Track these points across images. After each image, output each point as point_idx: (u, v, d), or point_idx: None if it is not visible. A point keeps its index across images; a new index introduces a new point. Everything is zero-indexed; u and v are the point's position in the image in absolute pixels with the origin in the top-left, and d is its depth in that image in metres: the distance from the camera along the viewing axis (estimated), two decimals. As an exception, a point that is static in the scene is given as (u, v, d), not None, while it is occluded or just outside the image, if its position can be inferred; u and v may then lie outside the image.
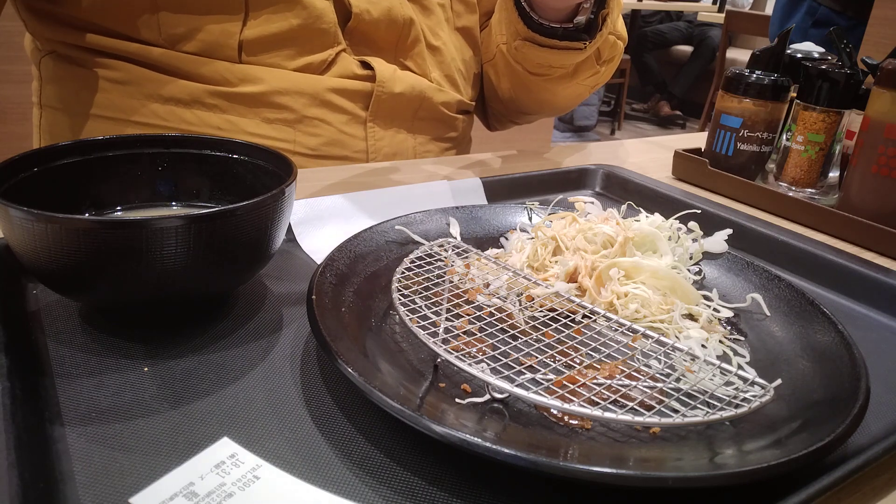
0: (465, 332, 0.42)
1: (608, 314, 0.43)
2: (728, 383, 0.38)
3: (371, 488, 0.30)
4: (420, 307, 0.42)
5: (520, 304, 0.45)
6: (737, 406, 0.34)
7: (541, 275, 0.48)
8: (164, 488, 0.28)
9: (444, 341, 0.38)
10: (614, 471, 0.28)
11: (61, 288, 0.39)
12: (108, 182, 0.46)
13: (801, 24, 1.81)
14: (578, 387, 0.36)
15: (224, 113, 0.70)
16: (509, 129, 1.01)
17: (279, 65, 0.70)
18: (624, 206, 0.57)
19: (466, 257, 0.50)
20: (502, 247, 0.55)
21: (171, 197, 0.49)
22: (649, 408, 0.35)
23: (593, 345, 0.41)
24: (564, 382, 0.36)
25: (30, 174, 0.41)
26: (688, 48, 4.86)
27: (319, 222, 0.55)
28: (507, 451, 0.28)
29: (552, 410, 0.35)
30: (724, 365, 0.37)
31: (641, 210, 0.56)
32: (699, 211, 0.57)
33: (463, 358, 0.36)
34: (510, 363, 0.38)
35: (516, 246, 0.53)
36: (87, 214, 0.45)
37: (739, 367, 0.41)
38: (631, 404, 0.34)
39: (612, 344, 0.41)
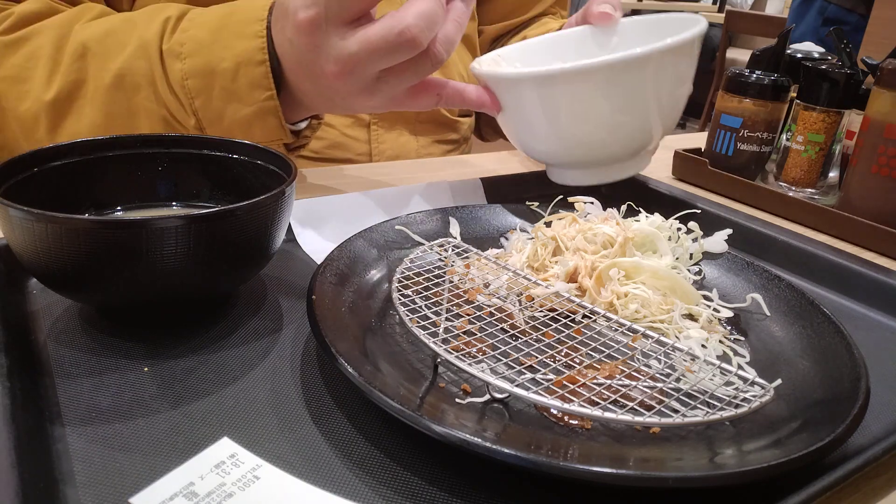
0: (465, 332, 0.42)
1: (608, 314, 0.42)
2: (728, 383, 0.38)
3: (371, 488, 0.30)
4: (420, 307, 0.42)
5: (520, 304, 0.45)
6: (737, 406, 0.34)
7: (541, 275, 0.48)
8: (164, 488, 0.28)
9: (444, 341, 0.38)
10: (614, 471, 0.28)
11: (61, 288, 0.39)
12: (108, 182, 0.46)
13: (813, 24, 1.82)
14: (578, 387, 0.36)
15: None
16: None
17: None
18: (624, 206, 0.57)
19: (466, 257, 0.50)
20: (502, 247, 0.55)
21: (171, 197, 0.49)
22: (649, 408, 0.35)
23: (593, 345, 0.40)
24: (564, 382, 0.36)
25: (30, 174, 0.41)
26: (688, 48, 4.85)
27: (319, 222, 0.55)
28: (507, 451, 0.28)
29: (552, 410, 0.35)
30: (724, 365, 0.37)
31: (641, 210, 0.56)
32: (699, 211, 0.57)
33: (463, 358, 0.36)
34: (510, 363, 0.38)
35: (516, 246, 0.53)
36: (87, 214, 0.45)
37: (739, 367, 0.41)
38: (631, 404, 0.34)
39: (612, 344, 0.41)
